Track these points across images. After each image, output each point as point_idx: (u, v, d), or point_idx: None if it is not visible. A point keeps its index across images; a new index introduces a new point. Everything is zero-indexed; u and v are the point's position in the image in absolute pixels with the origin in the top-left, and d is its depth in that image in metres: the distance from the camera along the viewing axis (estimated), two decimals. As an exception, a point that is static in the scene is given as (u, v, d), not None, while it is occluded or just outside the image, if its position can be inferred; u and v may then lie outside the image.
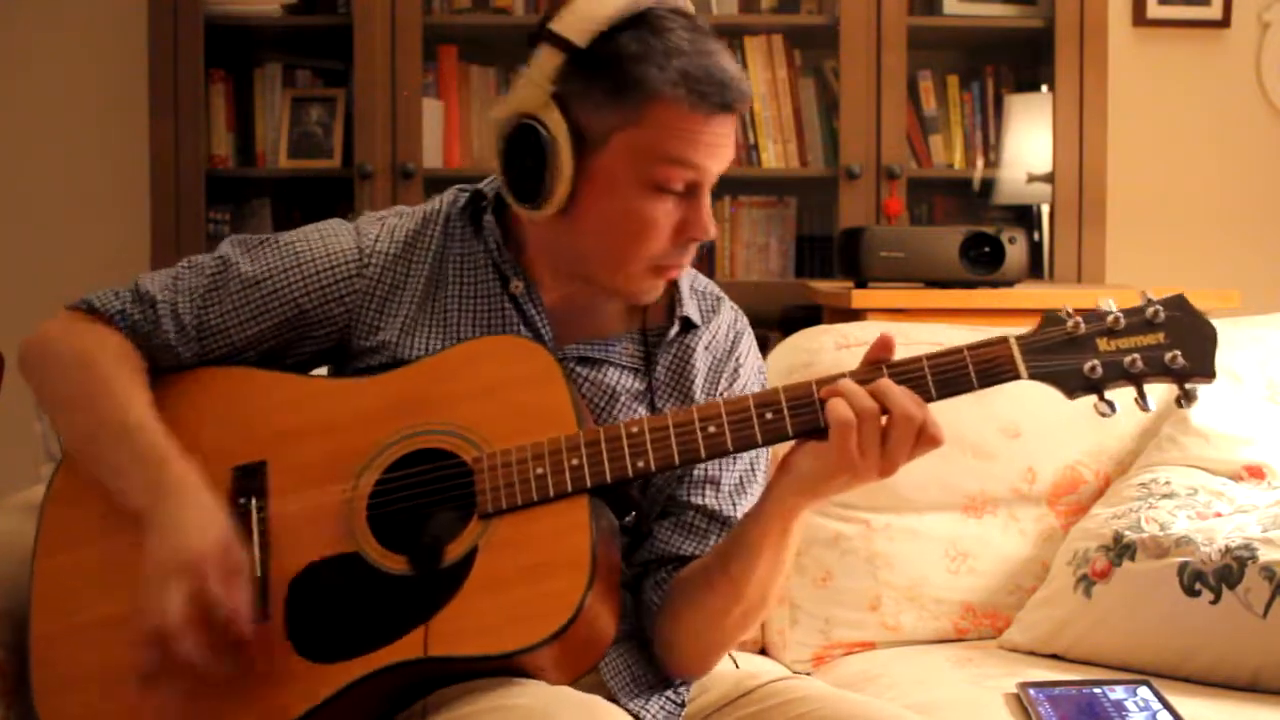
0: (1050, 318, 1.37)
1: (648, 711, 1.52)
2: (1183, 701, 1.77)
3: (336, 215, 1.63)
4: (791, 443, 1.40)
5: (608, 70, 1.43)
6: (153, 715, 1.37)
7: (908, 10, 3.39)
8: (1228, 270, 3.54)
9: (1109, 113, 3.39)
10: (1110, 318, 1.35)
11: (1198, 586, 1.89)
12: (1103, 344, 1.35)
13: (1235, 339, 2.27)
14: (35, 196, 3.63)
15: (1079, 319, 1.36)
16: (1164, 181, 3.73)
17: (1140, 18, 3.69)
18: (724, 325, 1.62)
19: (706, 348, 1.60)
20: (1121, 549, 1.98)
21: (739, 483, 1.59)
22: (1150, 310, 1.35)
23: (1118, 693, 1.78)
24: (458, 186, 1.62)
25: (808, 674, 2.06)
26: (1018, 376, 1.36)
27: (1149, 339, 1.34)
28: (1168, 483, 2.07)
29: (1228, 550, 1.88)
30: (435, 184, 3.36)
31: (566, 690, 1.34)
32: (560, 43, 1.44)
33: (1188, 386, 1.34)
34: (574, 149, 1.44)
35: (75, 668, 1.41)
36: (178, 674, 1.33)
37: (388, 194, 3.31)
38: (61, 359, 1.50)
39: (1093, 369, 1.34)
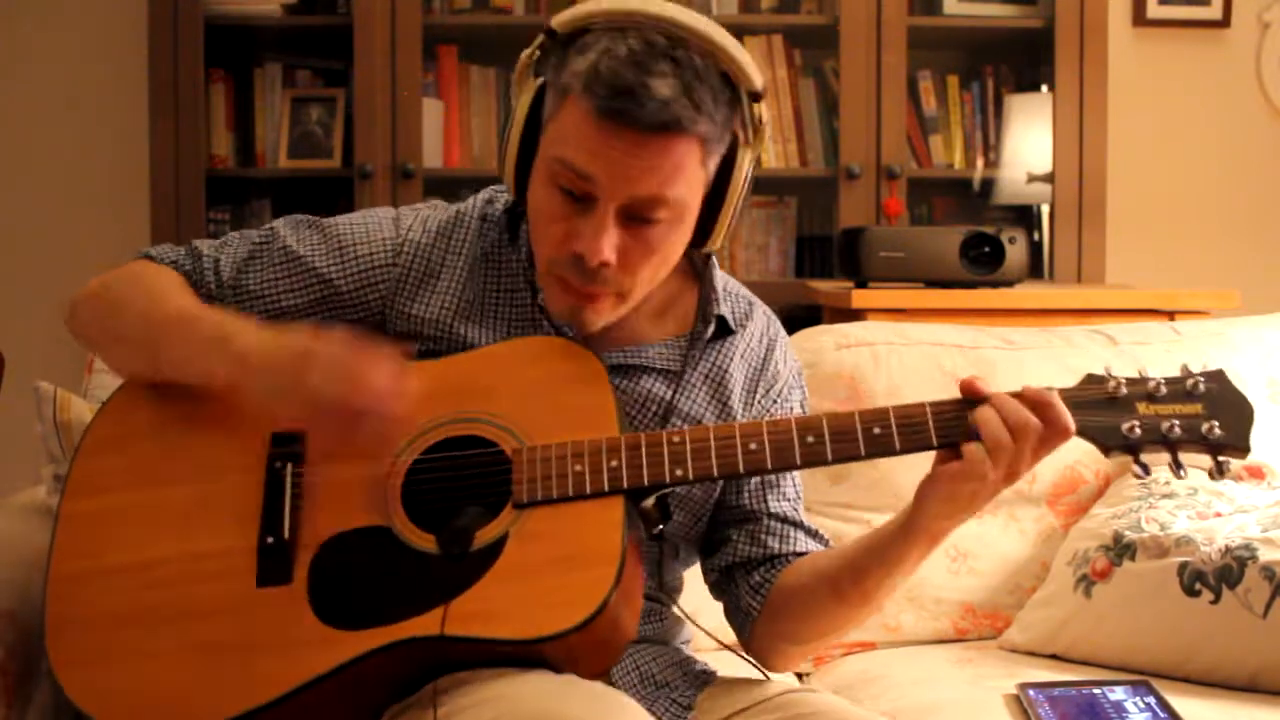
0: (1092, 378, 1.39)
1: (653, 713, 1.51)
2: (1183, 701, 1.77)
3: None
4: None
5: (560, 57, 1.43)
6: (164, 662, 1.37)
7: (908, 10, 3.39)
8: (1228, 270, 3.54)
9: (1109, 113, 3.39)
10: (1151, 384, 1.37)
11: (1198, 586, 1.89)
12: (1142, 407, 1.37)
13: (1235, 339, 2.27)
14: (35, 196, 3.63)
15: (1120, 381, 1.38)
16: (1164, 181, 3.73)
17: (1140, 18, 3.69)
18: (757, 333, 1.64)
19: (742, 356, 1.61)
20: (1121, 549, 1.98)
21: (796, 492, 1.62)
22: (1190, 382, 1.38)
23: (1118, 693, 1.78)
24: (492, 188, 1.63)
25: (808, 674, 2.06)
26: None
27: (1188, 409, 1.37)
28: (1168, 483, 2.06)
29: (1228, 550, 1.88)
30: (435, 184, 3.36)
31: (576, 679, 1.33)
32: (546, 28, 1.45)
33: (1221, 459, 1.36)
34: (526, 128, 1.44)
35: (91, 608, 1.41)
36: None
37: (388, 194, 3.31)
38: (120, 283, 1.54)
39: (1131, 429, 1.36)
